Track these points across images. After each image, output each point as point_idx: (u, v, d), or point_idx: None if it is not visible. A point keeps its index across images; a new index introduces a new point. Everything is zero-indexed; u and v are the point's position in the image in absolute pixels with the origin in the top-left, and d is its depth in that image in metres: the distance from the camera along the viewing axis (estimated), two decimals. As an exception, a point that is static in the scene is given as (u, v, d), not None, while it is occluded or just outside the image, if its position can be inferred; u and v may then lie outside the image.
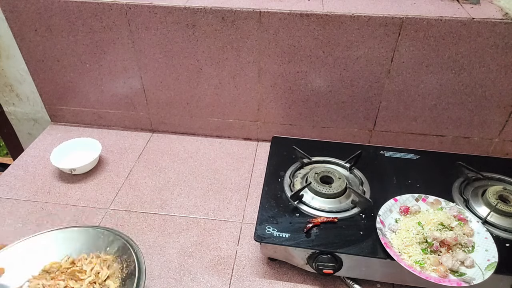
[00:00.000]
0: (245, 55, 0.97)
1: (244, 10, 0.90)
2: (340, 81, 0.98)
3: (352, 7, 0.89)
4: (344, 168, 0.94)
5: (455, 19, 0.84)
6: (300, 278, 0.78)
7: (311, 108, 1.05)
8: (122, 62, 1.04)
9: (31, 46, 1.04)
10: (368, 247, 0.73)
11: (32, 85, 1.15)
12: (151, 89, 1.09)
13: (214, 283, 0.77)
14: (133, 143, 1.14)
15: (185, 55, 1.00)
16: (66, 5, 0.95)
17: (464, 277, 0.67)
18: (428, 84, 0.95)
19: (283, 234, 0.76)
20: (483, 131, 1.01)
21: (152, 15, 0.94)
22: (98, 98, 1.13)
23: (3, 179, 1.01)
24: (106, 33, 0.99)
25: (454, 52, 0.89)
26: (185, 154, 1.10)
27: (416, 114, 1.01)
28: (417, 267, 0.69)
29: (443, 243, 0.71)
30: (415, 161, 0.96)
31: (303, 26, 0.90)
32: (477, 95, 0.95)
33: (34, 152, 1.10)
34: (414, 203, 0.81)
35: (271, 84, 1.02)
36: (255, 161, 1.08)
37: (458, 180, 0.90)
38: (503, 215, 0.79)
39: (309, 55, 0.94)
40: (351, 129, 1.07)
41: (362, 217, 0.80)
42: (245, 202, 0.95)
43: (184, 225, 0.89)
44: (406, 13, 0.86)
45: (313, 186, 0.85)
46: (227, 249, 0.84)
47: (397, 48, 0.90)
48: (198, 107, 1.11)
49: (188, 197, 0.96)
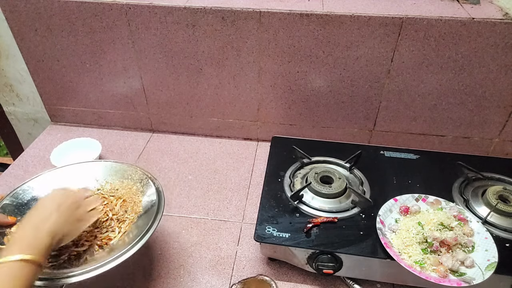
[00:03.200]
0: (245, 55, 0.97)
1: (244, 10, 0.90)
2: (340, 81, 0.98)
3: (352, 7, 0.89)
4: (344, 168, 0.94)
5: (455, 19, 0.84)
6: (300, 278, 0.78)
7: (311, 108, 1.05)
8: (122, 62, 1.04)
9: (31, 46, 1.04)
10: (368, 247, 0.73)
11: (32, 85, 1.15)
12: (151, 89, 1.09)
13: (214, 283, 0.77)
14: (133, 143, 1.14)
15: (185, 55, 1.00)
16: (66, 5, 0.95)
17: (464, 277, 0.67)
18: (428, 84, 0.95)
19: (283, 234, 0.76)
20: (483, 131, 1.01)
21: (152, 15, 0.94)
22: (98, 98, 1.13)
23: (3, 179, 1.01)
24: (106, 33, 0.99)
25: (454, 52, 0.89)
26: (185, 154, 1.10)
27: (416, 114, 1.01)
28: (417, 267, 0.69)
29: (443, 243, 0.71)
30: (415, 161, 0.96)
31: (303, 26, 0.90)
32: (477, 95, 0.95)
33: (34, 152, 1.10)
34: (414, 203, 0.81)
35: (271, 84, 1.02)
36: (255, 161, 1.08)
37: (458, 180, 0.90)
38: (503, 215, 0.79)
39: (309, 55, 0.94)
40: (351, 129, 1.07)
41: (362, 217, 0.80)
42: (245, 202, 0.95)
43: (184, 225, 0.89)
44: (406, 13, 0.86)
45: (313, 186, 0.85)
46: (227, 249, 0.84)
47: (397, 48, 0.90)
48: (198, 107, 1.11)
49: (188, 197, 0.96)
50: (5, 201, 0.74)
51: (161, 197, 0.76)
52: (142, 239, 0.67)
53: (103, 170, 0.84)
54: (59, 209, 0.62)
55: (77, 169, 0.84)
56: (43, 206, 0.62)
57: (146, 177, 0.81)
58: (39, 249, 0.55)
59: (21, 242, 0.55)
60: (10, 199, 0.75)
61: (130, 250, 0.65)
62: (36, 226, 0.58)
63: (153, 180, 0.80)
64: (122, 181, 0.82)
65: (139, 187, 0.80)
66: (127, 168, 0.83)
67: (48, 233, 0.58)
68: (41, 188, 0.79)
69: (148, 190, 0.79)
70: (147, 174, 0.81)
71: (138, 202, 0.78)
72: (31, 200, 0.76)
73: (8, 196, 0.75)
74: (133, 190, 0.80)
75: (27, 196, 0.77)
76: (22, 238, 0.57)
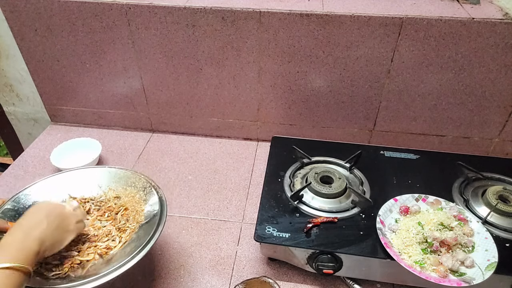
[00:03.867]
0: (245, 55, 0.97)
1: (244, 10, 0.90)
2: (340, 81, 0.98)
3: (352, 7, 0.89)
4: (344, 168, 0.94)
5: (455, 19, 0.84)
6: (300, 278, 0.78)
7: (311, 108, 1.05)
8: (122, 62, 1.04)
9: (31, 46, 1.04)
10: (368, 247, 0.73)
11: (32, 85, 1.15)
12: (151, 89, 1.09)
13: (214, 283, 0.77)
14: (133, 143, 1.14)
15: (185, 55, 1.00)
16: (66, 5, 0.95)
17: (464, 277, 0.67)
18: (428, 84, 0.95)
19: (283, 234, 0.76)
20: (483, 131, 1.01)
21: (152, 15, 0.94)
22: (98, 98, 1.13)
23: (3, 179, 1.01)
24: (106, 33, 0.99)
25: (454, 52, 0.89)
26: (185, 154, 1.10)
27: (416, 114, 1.01)
28: (417, 267, 0.69)
29: (443, 243, 0.71)
30: (415, 161, 0.96)
31: (303, 26, 0.90)
32: (477, 95, 0.95)
33: (34, 152, 1.10)
34: (414, 203, 0.81)
35: (271, 84, 1.02)
36: (255, 161, 1.08)
37: (458, 180, 0.90)
38: (503, 215, 0.79)
39: (309, 55, 0.94)
40: (351, 129, 1.07)
41: (362, 217, 0.80)
42: (245, 202, 0.95)
43: (184, 225, 0.89)
44: (406, 13, 0.86)
45: (313, 186, 0.85)
46: (227, 249, 0.84)
47: (397, 48, 0.90)
48: (198, 107, 1.11)
49: (188, 197, 0.96)
50: (6, 206, 0.74)
51: (164, 207, 0.75)
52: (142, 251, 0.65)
53: (107, 177, 0.83)
54: (48, 218, 0.61)
55: (80, 175, 0.83)
56: (32, 214, 0.62)
57: (149, 185, 0.79)
58: (27, 256, 0.54)
59: (9, 249, 0.55)
60: (12, 204, 0.74)
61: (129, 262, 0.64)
62: (25, 232, 0.57)
63: (157, 189, 0.79)
64: (126, 188, 0.81)
65: (142, 196, 0.79)
66: (131, 175, 0.82)
67: (36, 240, 0.57)
68: (42, 194, 0.78)
69: (151, 199, 0.78)
70: (151, 182, 0.80)
71: (140, 211, 0.76)
72: (32, 205, 0.76)
73: (9, 201, 0.75)
74: (135, 198, 0.79)
75: (28, 201, 0.76)
76: (10, 245, 0.56)
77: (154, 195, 0.77)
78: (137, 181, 0.81)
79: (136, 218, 0.75)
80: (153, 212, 0.74)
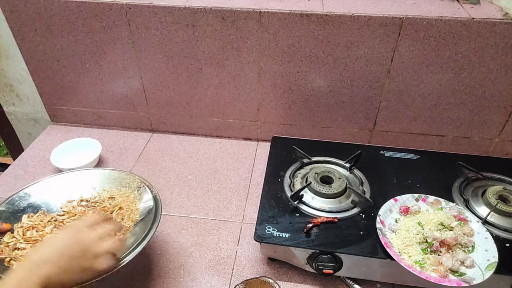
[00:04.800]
0: (245, 55, 0.97)
1: (244, 10, 0.90)
2: (340, 81, 0.98)
3: (352, 7, 0.89)
4: (344, 168, 0.94)
5: (455, 19, 0.84)
6: (300, 278, 0.78)
7: (311, 108, 1.05)
8: (122, 62, 1.04)
9: (31, 46, 1.04)
10: (368, 247, 0.73)
11: (32, 85, 1.15)
12: (151, 89, 1.09)
13: (214, 283, 0.77)
14: (133, 143, 1.14)
15: (185, 55, 1.00)
16: (66, 5, 0.95)
17: (464, 277, 0.67)
18: (428, 84, 0.95)
19: (283, 234, 0.76)
20: (483, 131, 1.01)
21: (152, 15, 0.94)
22: (98, 98, 1.13)
23: (3, 179, 1.01)
24: (106, 33, 0.99)
25: (454, 52, 0.89)
26: (185, 154, 1.10)
27: (416, 114, 1.01)
28: (417, 267, 0.69)
29: (443, 243, 0.71)
30: (415, 161, 0.96)
31: (303, 26, 0.90)
32: (477, 95, 0.95)
33: (34, 152, 1.10)
34: (414, 203, 0.81)
35: (271, 84, 1.02)
36: (255, 161, 1.08)
37: (458, 180, 0.90)
38: (503, 215, 0.79)
39: (309, 55, 0.94)
40: (351, 129, 1.07)
41: (362, 217, 0.80)
42: (245, 202, 0.95)
43: (184, 225, 0.89)
44: (406, 13, 0.86)
45: (313, 186, 0.85)
46: (227, 249, 0.84)
47: (397, 48, 0.90)
48: (198, 107, 1.11)
49: (188, 197, 0.96)
50: (1, 207, 0.74)
51: (158, 203, 0.76)
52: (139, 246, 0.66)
53: (101, 178, 0.84)
54: (61, 257, 0.56)
55: (75, 176, 0.84)
56: (45, 248, 0.58)
57: (143, 185, 0.81)
58: None
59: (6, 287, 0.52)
60: (6, 205, 0.75)
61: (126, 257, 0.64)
62: (29, 270, 0.54)
63: (151, 187, 0.80)
64: (120, 189, 0.82)
65: (136, 195, 0.80)
66: (125, 176, 0.83)
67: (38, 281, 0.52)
68: (38, 195, 0.78)
69: (145, 196, 0.79)
70: (145, 182, 0.81)
71: (135, 210, 0.77)
72: (27, 207, 0.77)
73: (4, 202, 0.75)
74: (130, 198, 0.80)
75: (23, 203, 0.77)
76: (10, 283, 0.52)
77: (148, 193, 0.79)
78: (132, 182, 0.82)
79: (131, 216, 0.76)
80: (148, 208, 0.76)
